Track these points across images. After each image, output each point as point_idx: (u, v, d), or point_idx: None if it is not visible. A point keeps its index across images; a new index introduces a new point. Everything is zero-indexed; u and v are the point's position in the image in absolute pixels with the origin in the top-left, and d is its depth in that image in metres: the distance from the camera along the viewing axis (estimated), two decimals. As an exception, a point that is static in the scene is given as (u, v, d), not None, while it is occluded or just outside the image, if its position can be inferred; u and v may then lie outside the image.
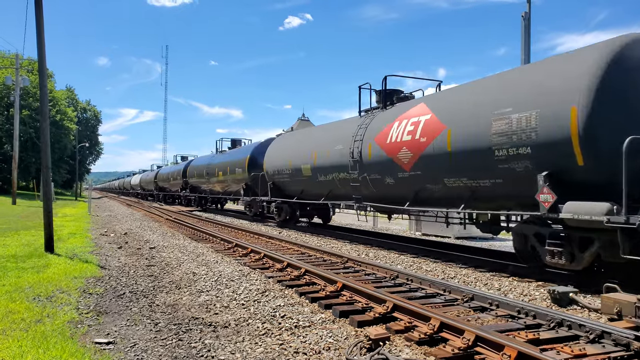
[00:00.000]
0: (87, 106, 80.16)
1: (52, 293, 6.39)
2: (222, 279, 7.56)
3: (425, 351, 4.41)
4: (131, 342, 4.60)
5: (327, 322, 5.33)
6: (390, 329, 4.94)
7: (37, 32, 10.20)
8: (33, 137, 45.22)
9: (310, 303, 6.18)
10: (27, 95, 45.69)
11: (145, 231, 15.65)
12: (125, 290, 6.78)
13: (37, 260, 8.87)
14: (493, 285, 7.59)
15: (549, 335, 4.68)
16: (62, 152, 54.96)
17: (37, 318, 5.20)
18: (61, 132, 52.98)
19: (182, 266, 8.83)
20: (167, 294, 6.64)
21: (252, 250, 10.40)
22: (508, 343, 4.03)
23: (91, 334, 4.82)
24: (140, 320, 5.36)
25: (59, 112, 53.40)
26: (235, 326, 5.18)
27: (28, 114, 45.66)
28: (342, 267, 8.77)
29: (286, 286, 7.09)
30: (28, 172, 48.77)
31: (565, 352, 4.06)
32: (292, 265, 8.39)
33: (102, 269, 8.44)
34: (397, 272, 7.69)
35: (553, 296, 6.30)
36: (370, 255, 10.78)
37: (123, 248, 11.46)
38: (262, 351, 4.38)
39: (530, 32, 15.86)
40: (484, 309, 5.81)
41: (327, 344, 4.54)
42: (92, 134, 79.38)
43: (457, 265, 9.55)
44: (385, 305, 5.56)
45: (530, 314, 5.26)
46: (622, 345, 4.25)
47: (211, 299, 6.38)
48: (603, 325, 4.58)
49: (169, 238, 13.57)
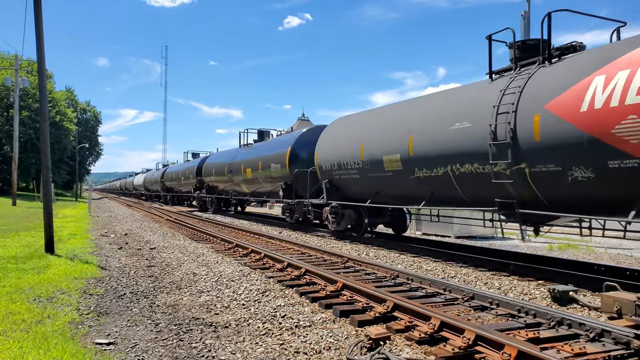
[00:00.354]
0: (87, 107, 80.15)
1: (53, 294, 6.39)
2: (223, 279, 7.57)
3: (425, 350, 4.42)
4: (132, 343, 4.60)
5: (327, 321, 5.33)
6: (391, 329, 4.95)
7: (37, 33, 10.20)
8: (33, 138, 45.24)
9: (311, 303, 6.19)
10: (27, 96, 45.68)
11: (145, 232, 15.66)
12: (126, 291, 6.78)
13: (38, 261, 8.87)
14: (493, 284, 7.59)
15: (549, 334, 4.69)
16: (62, 153, 54.96)
17: (37, 319, 5.20)
18: (61, 133, 52.98)
19: (182, 267, 8.84)
20: (168, 295, 6.65)
21: (253, 251, 10.40)
22: (508, 342, 4.03)
23: (92, 335, 4.83)
24: (141, 320, 5.37)
25: (59, 113, 53.40)
26: (235, 326, 5.18)
27: (28, 115, 45.66)
28: (342, 267, 8.78)
29: (286, 286, 7.09)
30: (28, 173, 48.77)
31: (565, 351, 4.07)
32: (292, 265, 8.40)
33: (103, 269, 8.44)
34: (398, 272, 7.70)
35: (553, 295, 6.30)
36: (370, 254, 10.79)
37: (123, 249, 11.47)
38: (262, 351, 4.39)
39: (530, 31, 15.87)
40: (485, 308, 5.82)
41: (327, 344, 4.55)
42: (92, 135, 79.37)
43: (458, 264, 9.56)
44: (386, 305, 5.56)
45: (531, 312, 5.27)
46: (622, 343, 4.25)
47: (212, 299, 6.39)
48: (603, 324, 4.59)
49: (169, 239, 13.58)
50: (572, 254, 12.02)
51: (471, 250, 11.18)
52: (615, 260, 10.95)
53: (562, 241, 15.14)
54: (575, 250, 12.90)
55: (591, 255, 11.74)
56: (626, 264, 10.39)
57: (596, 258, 11.21)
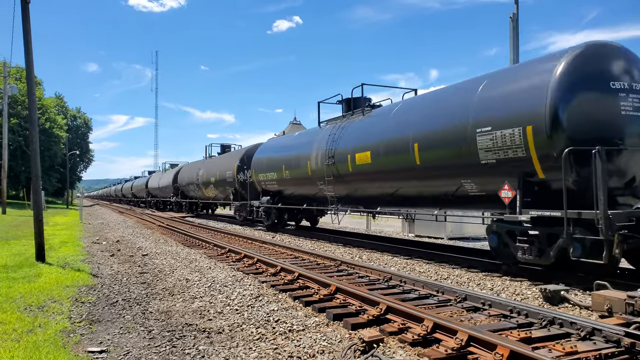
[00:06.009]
0: (77, 113, 79.65)
1: (44, 302, 6.34)
2: (216, 284, 7.54)
3: (418, 352, 4.43)
4: (124, 350, 4.58)
5: (321, 325, 5.33)
6: (384, 331, 4.96)
7: (25, 40, 10.15)
8: (22, 146, 44.89)
9: (304, 307, 6.19)
10: (16, 103, 45.30)
11: (137, 238, 15.57)
12: (118, 298, 6.74)
13: (28, 270, 8.80)
14: (486, 285, 7.63)
15: (541, 333, 4.72)
16: (53, 160, 54.54)
17: (28, 328, 5.16)
18: (51, 140, 52.60)
19: (175, 273, 8.80)
20: (161, 301, 6.62)
21: (246, 255, 10.38)
22: (500, 342, 4.06)
23: (84, 343, 4.79)
24: (134, 327, 5.34)
25: (49, 120, 53.03)
26: (229, 332, 5.17)
27: (17, 122, 45.29)
28: (335, 270, 8.78)
29: (280, 290, 7.08)
30: (18, 181, 48.35)
31: (557, 350, 4.10)
32: (285, 269, 8.39)
33: (95, 277, 8.39)
34: (391, 274, 7.71)
35: (545, 295, 6.35)
36: (363, 257, 10.80)
37: (115, 256, 11.39)
38: (256, 356, 4.38)
39: (518, 33, 16.00)
40: (477, 309, 5.85)
41: (321, 348, 4.55)
42: (83, 142, 78.87)
43: (450, 266, 9.59)
44: (379, 308, 5.57)
45: (523, 313, 5.30)
46: (612, 342, 4.30)
47: (205, 305, 6.37)
48: (594, 323, 4.63)
49: (161, 245, 13.51)
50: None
51: (464, 252, 11.23)
52: (606, 259, 11.03)
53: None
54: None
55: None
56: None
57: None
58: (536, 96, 7.36)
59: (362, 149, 11.91)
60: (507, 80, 8.34)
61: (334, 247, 12.96)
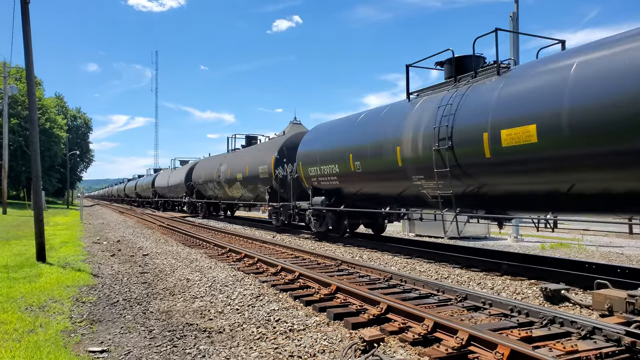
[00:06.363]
0: (78, 114, 79.65)
1: (45, 302, 6.35)
2: (216, 284, 7.55)
3: (419, 351, 4.44)
4: (125, 350, 4.58)
5: (321, 325, 5.34)
6: (385, 330, 4.96)
7: (25, 41, 10.15)
8: (23, 146, 44.90)
9: (305, 306, 6.19)
10: (16, 103, 45.31)
11: (138, 238, 15.58)
12: (119, 298, 6.74)
13: (29, 270, 8.80)
14: (486, 284, 7.64)
15: (542, 332, 4.73)
16: (53, 160, 54.54)
17: (29, 328, 5.17)
18: (51, 140, 52.59)
19: (175, 272, 8.80)
20: (161, 301, 6.62)
21: (246, 255, 10.38)
22: (501, 341, 4.06)
23: (85, 343, 4.80)
24: (134, 327, 5.34)
25: (49, 120, 53.02)
26: (229, 331, 5.17)
27: (17, 123, 45.29)
28: (336, 270, 8.79)
29: (280, 290, 7.09)
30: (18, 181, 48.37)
31: (557, 349, 4.10)
32: (286, 269, 8.39)
33: (95, 277, 8.39)
34: (391, 274, 7.72)
35: (545, 294, 6.35)
36: (364, 257, 10.81)
37: (116, 256, 11.40)
38: (257, 356, 4.38)
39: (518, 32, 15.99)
40: (477, 308, 5.85)
41: (321, 347, 4.55)
42: (83, 142, 78.86)
43: (451, 265, 9.60)
44: (380, 307, 5.58)
45: (523, 312, 5.31)
46: (613, 340, 4.30)
47: (205, 304, 6.37)
48: (594, 322, 4.63)
49: (162, 244, 13.52)
50: (564, 252, 12.12)
51: (464, 251, 11.24)
52: (607, 259, 11.06)
53: (554, 240, 15.26)
54: (567, 249, 13.01)
55: (583, 254, 11.84)
56: (617, 261, 10.50)
57: (587, 256, 11.30)
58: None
59: (517, 121, 7.66)
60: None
61: (334, 247, 12.97)
